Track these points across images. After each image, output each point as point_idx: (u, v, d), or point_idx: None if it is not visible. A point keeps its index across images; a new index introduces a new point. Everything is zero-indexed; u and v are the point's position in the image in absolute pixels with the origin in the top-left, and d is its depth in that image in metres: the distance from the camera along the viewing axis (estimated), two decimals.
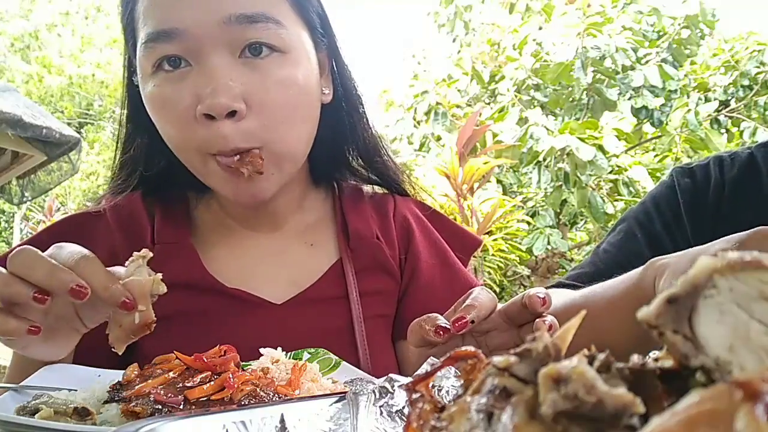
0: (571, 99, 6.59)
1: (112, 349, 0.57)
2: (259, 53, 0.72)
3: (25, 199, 5.55)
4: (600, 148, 5.61)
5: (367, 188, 0.99)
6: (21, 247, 0.58)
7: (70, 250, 0.58)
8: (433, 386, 0.39)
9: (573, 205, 6.14)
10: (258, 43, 0.72)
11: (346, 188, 0.96)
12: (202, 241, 0.86)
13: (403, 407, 0.39)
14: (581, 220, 6.96)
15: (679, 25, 6.56)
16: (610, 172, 5.91)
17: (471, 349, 0.28)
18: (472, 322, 0.60)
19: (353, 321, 0.82)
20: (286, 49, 0.74)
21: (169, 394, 0.51)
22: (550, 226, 6.21)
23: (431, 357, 0.44)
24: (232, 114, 0.70)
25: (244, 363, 0.61)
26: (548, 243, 5.92)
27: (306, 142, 0.81)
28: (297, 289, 0.83)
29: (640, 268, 0.63)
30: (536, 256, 5.97)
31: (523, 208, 6.34)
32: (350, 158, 0.94)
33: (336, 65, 0.87)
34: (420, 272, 0.89)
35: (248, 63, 0.72)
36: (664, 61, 6.37)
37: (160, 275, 0.58)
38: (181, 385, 0.52)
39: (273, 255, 0.87)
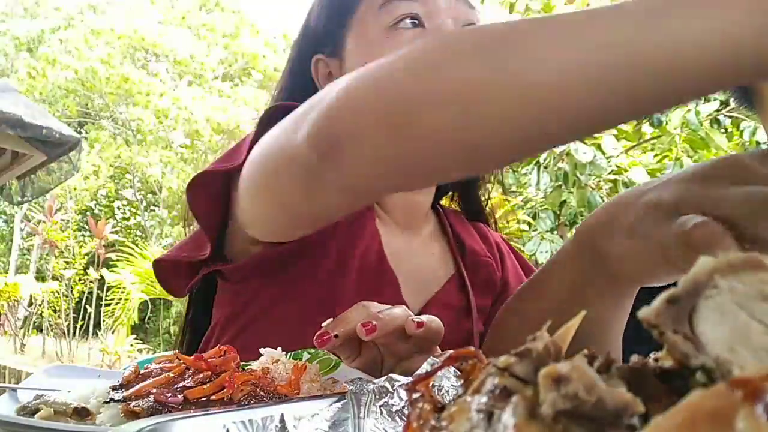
0: None
1: None
2: None
3: (25, 199, 5.55)
4: (599, 147, 5.61)
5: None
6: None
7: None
8: (433, 386, 0.39)
9: (572, 206, 6.13)
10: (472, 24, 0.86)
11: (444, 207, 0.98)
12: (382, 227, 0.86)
13: (403, 407, 0.39)
14: (581, 220, 6.96)
15: None
16: (610, 173, 5.90)
17: (471, 348, 0.27)
18: (335, 336, 0.60)
19: (473, 336, 0.82)
20: None
21: (169, 394, 0.51)
22: (551, 230, 6.20)
23: (431, 357, 0.44)
24: None
25: (243, 363, 0.61)
26: (549, 247, 5.91)
27: None
28: (427, 295, 0.84)
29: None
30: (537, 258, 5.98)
31: (523, 208, 6.34)
32: None
33: None
34: (507, 294, 0.88)
35: None
36: None
37: None
38: (181, 385, 0.52)
39: (413, 253, 0.88)
